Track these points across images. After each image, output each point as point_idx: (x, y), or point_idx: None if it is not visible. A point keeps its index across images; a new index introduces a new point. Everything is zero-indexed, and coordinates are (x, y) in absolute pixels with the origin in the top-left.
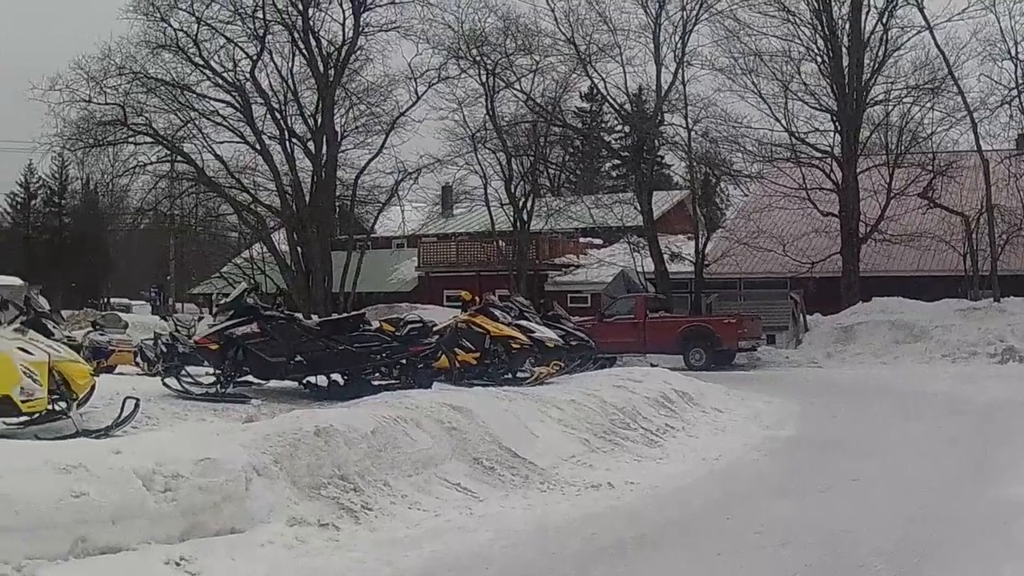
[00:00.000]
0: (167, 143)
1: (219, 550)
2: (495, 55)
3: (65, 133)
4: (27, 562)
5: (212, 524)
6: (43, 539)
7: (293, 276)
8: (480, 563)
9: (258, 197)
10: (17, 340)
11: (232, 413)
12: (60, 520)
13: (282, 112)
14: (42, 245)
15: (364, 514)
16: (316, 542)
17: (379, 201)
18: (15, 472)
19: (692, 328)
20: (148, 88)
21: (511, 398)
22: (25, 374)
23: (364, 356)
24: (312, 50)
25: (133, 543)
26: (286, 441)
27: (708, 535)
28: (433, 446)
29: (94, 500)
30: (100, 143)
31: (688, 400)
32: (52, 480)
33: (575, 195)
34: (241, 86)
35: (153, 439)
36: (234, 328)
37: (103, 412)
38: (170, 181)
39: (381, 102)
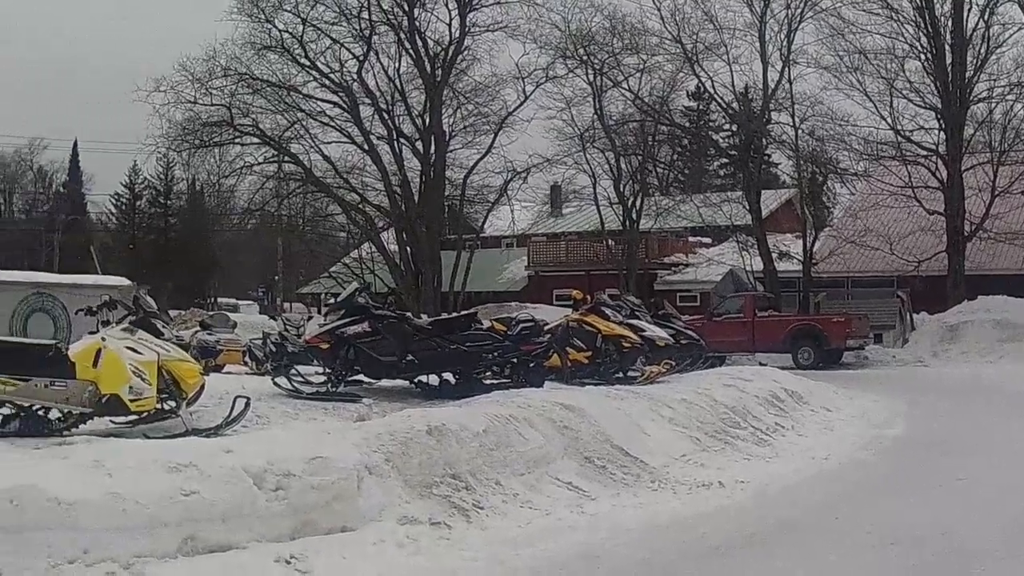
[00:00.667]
0: (274, 144)
1: (330, 549)
2: (602, 54)
3: (170, 134)
4: (135, 560)
5: (323, 523)
6: (152, 537)
7: (402, 275)
8: (591, 562)
9: (367, 197)
10: (126, 340)
11: (343, 412)
12: (169, 518)
13: (390, 112)
14: (148, 246)
15: (475, 513)
16: (427, 541)
17: (488, 201)
18: (125, 470)
19: (800, 327)
20: (254, 89)
21: (622, 397)
22: (134, 373)
23: (476, 355)
24: (418, 50)
25: (243, 542)
26: (398, 440)
27: (817, 534)
28: (545, 445)
29: (204, 498)
30: (206, 144)
31: (797, 399)
32: (162, 479)
33: (684, 194)
34: (348, 87)
35: (264, 438)
36: (345, 327)
37: (213, 411)
38: (277, 181)
39: (489, 102)
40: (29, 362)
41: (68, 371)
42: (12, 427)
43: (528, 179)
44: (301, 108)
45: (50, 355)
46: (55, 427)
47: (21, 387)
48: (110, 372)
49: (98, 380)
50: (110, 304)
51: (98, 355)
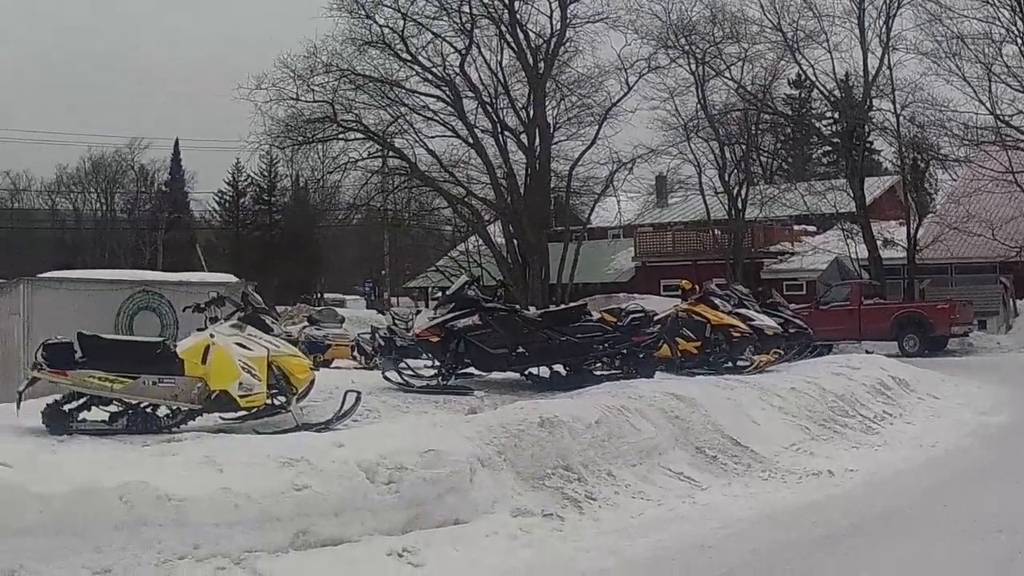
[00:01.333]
0: (378, 139)
1: (442, 541)
2: (703, 43)
3: (273, 131)
4: (246, 555)
5: (436, 515)
6: (264, 532)
7: (509, 268)
8: (703, 552)
9: (472, 190)
10: (235, 336)
11: (454, 405)
12: (282, 513)
13: (493, 105)
14: (252, 242)
15: (588, 504)
16: (540, 532)
17: (594, 192)
18: (237, 466)
19: (905, 315)
20: (356, 85)
21: (732, 386)
22: (243, 369)
23: (586, 346)
24: (520, 43)
25: (355, 535)
26: (510, 432)
27: (924, 522)
28: (656, 435)
29: (317, 493)
30: (309, 140)
31: (904, 387)
32: (274, 473)
33: (788, 182)
34: (451, 80)
35: (376, 432)
36: (456, 320)
37: (323, 406)
38: (382, 176)
39: (592, 93)
40: (137, 359)
41: (176, 368)
42: (120, 424)
43: (633, 170)
44: (404, 103)
45: (158, 352)
46: (163, 424)
47: (129, 385)
48: (219, 368)
49: (207, 376)
50: (218, 301)
51: (207, 351)
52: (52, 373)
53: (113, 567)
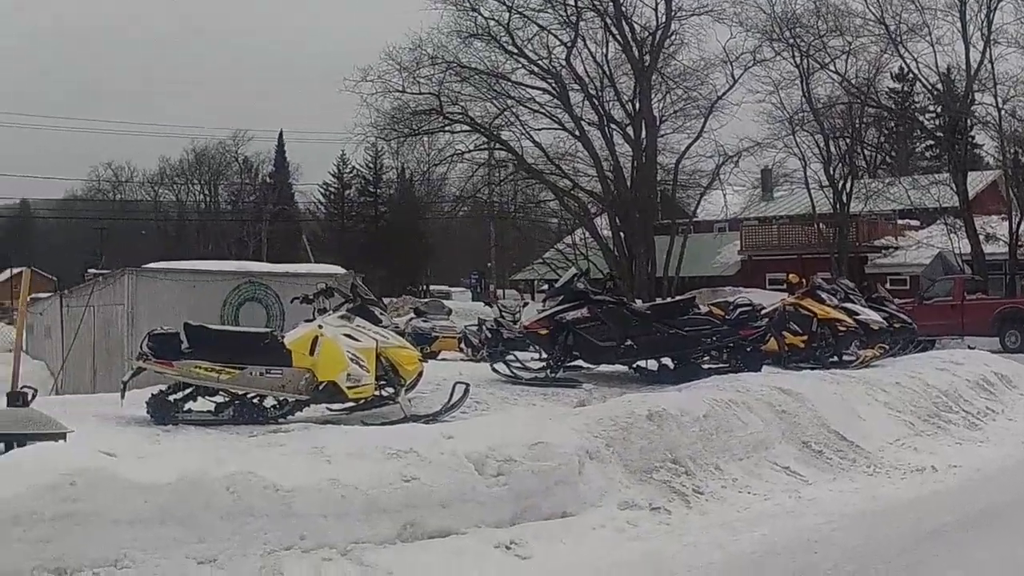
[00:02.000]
0: (485, 131)
1: (550, 534)
2: (808, 36)
3: (379, 123)
4: (353, 546)
5: (543, 508)
6: (371, 523)
7: (616, 261)
8: (809, 547)
9: (579, 183)
10: (343, 327)
11: (563, 397)
12: (389, 505)
13: (599, 98)
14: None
15: (695, 498)
16: (647, 526)
17: (700, 185)
18: (345, 457)
19: (1008, 310)
20: (462, 77)
21: (839, 381)
22: (352, 360)
23: (695, 340)
24: (625, 35)
25: (463, 527)
26: (618, 425)
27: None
28: (764, 429)
29: (425, 485)
30: (415, 132)
31: (1007, 383)
32: (382, 465)
33: (891, 176)
34: (557, 73)
35: (484, 424)
36: (564, 313)
37: (431, 397)
38: (489, 169)
39: (698, 86)
40: (244, 350)
41: (284, 359)
42: (226, 415)
43: (739, 163)
44: (510, 95)
45: (265, 343)
46: (270, 415)
47: (236, 375)
48: (327, 359)
49: (315, 367)
50: (327, 292)
51: (315, 343)
52: (158, 363)
53: (218, 557)
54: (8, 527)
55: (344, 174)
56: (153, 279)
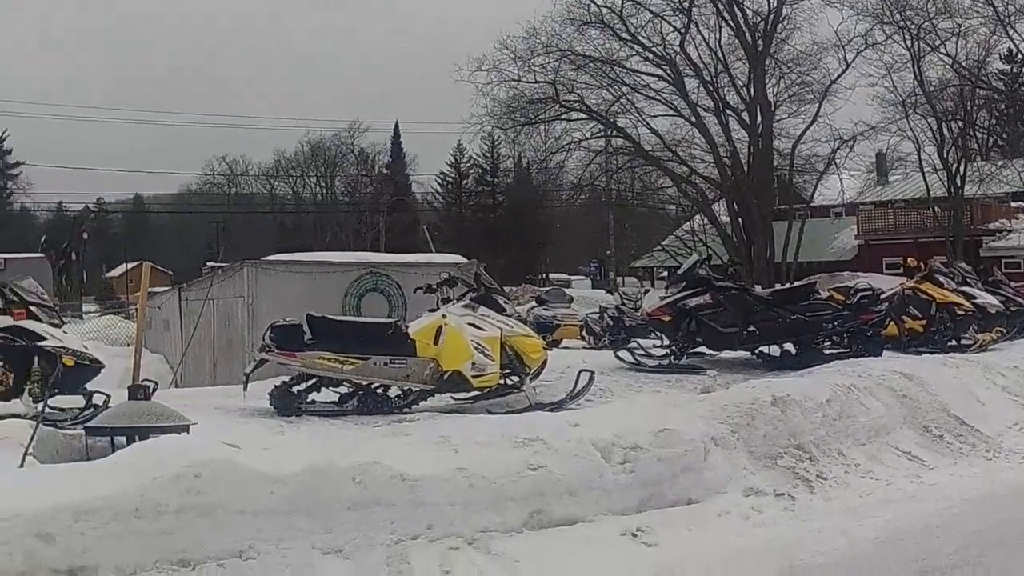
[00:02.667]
0: (602, 118)
1: (676, 520)
2: (917, 19)
3: (495, 112)
4: (480, 535)
5: (669, 495)
6: (498, 512)
7: (735, 247)
8: (931, 532)
9: (696, 169)
10: (467, 316)
11: (686, 384)
12: (516, 493)
13: (714, 84)
14: (476, 223)
15: (819, 483)
16: (772, 512)
17: (816, 170)
18: (472, 446)
19: None
20: (577, 65)
21: (958, 365)
22: (476, 349)
23: (816, 325)
24: (738, 21)
25: (589, 515)
26: (743, 411)
27: None
28: (885, 414)
29: (552, 473)
30: (531, 121)
31: None
32: (509, 453)
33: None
34: (671, 59)
35: (610, 411)
36: (687, 299)
37: (555, 385)
38: (606, 156)
39: (811, 71)
40: (368, 340)
41: (408, 349)
42: (350, 406)
43: (854, 147)
44: (625, 82)
45: (389, 333)
46: (394, 405)
47: (360, 365)
48: (452, 349)
49: (439, 357)
50: (450, 281)
51: (439, 332)
52: (281, 355)
53: (344, 547)
54: (130, 520)
55: (461, 163)
56: (273, 271)
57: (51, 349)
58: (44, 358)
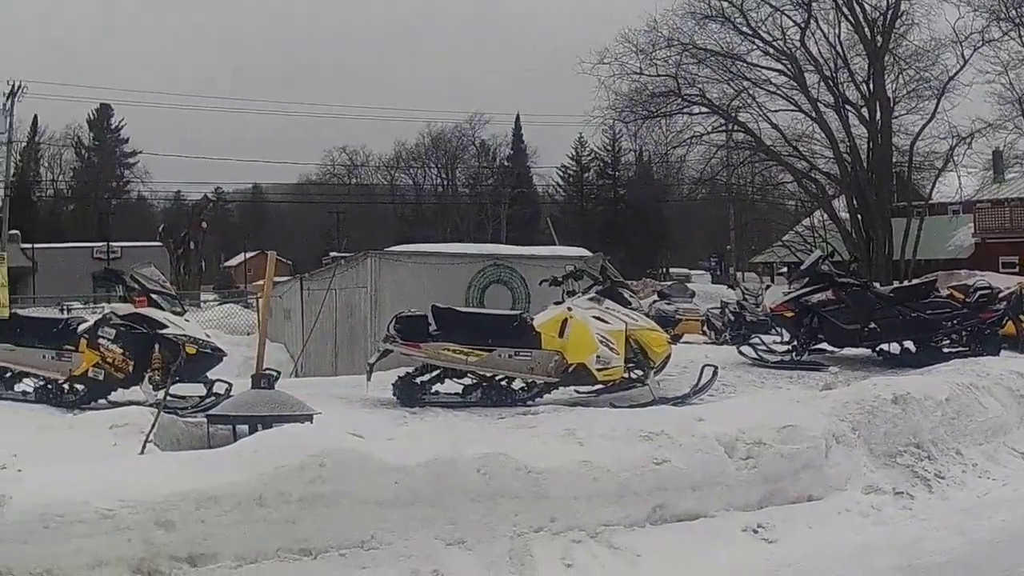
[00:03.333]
0: (723, 113)
1: (796, 517)
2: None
3: (617, 106)
4: (603, 529)
5: (790, 492)
6: (621, 506)
7: (855, 243)
8: None
9: (816, 164)
10: (593, 309)
11: (808, 380)
12: (639, 487)
13: (834, 79)
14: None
15: (936, 483)
16: (890, 510)
17: (935, 167)
18: (596, 439)
19: None
20: (698, 59)
21: None
22: (601, 343)
23: (936, 323)
24: (857, 16)
25: (711, 510)
26: (864, 408)
27: None
28: (1003, 414)
29: (676, 467)
30: (653, 115)
31: None
32: (634, 447)
33: None
34: (791, 54)
35: (732, 406)
36: (809, 295)
37: (677, 380)
38: (727, 151)
39: (930, 67)
40: (493, 332)
41: (533, 341)
42: (474, 397)
43: (972, 144)
44: (746, 77)
45: (515, 325)
46: (518, 397)
47: (485, 357)
48: (577, 342)
49: (564, 350)
50: (576, 274)
51: (564, 325)
52: (405, 345)
53: (467, 539)
54: (253, 508)
55: (582, 156)
56: (397, 262)
57: (172, 337)
58: (165, 346)
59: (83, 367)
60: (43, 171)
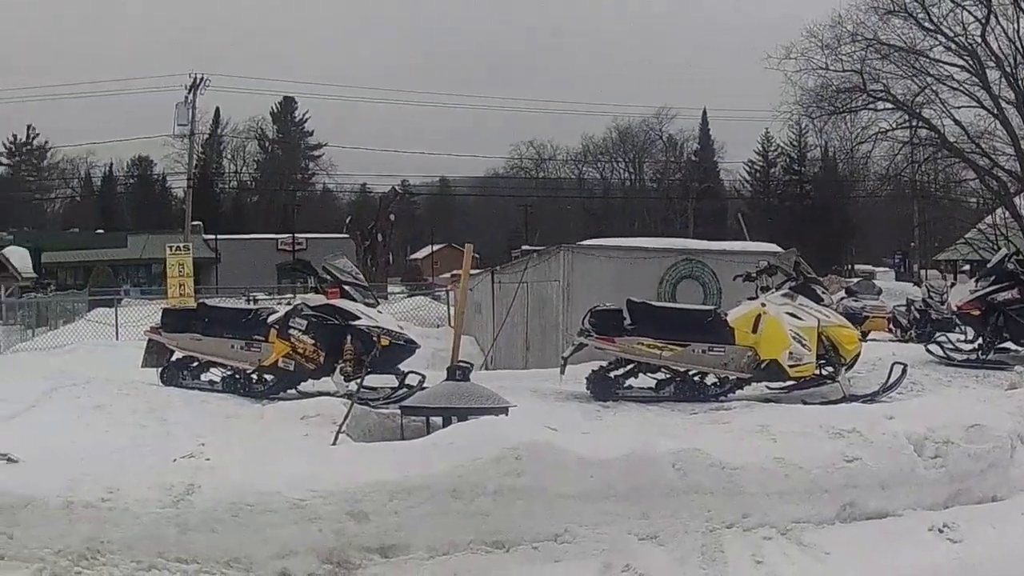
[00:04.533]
0: (907, 109)
1: (980, 517)
2: None
3: (803, 101)
4: (793, 526)
5: (975, 491)
6: (812, 503)
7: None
8: None
9: (998, 162)
10: (786, 305)
11: (993, 379)
12: (830, 484)
13: (1014, 75)
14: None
15: None
16: None
17: None
18: (789, 436)
19: None
20: (882, 54)
21: None
22: (794, 339)
23: None
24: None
25: (898, 509)
26: None
27: None
28: None
29: (866, 465)
30: (838, 110)
31: None
32: (825, 445)
33: None
34: (972, 50)
35: (921, 405)
36: (995, 294)
37: (866, 377)
38: (912, 147)
39: None
40: (687, 327)
41: (727, 336)
42: (667, 392)
43: None
44: (929, 73)
45: (709, 320)
46: (711, 392)
47: (679, 352)
48: (770, 337)
49: (757, 345)
50: (769, 270)
51: (758, 321)
52: (600, 339)
53: (659, 533)
54: (447, 500)
55: (769, 152)
56: (589, 256)
57: (365, 328)
58: (357, 337)
59: (273, 357)
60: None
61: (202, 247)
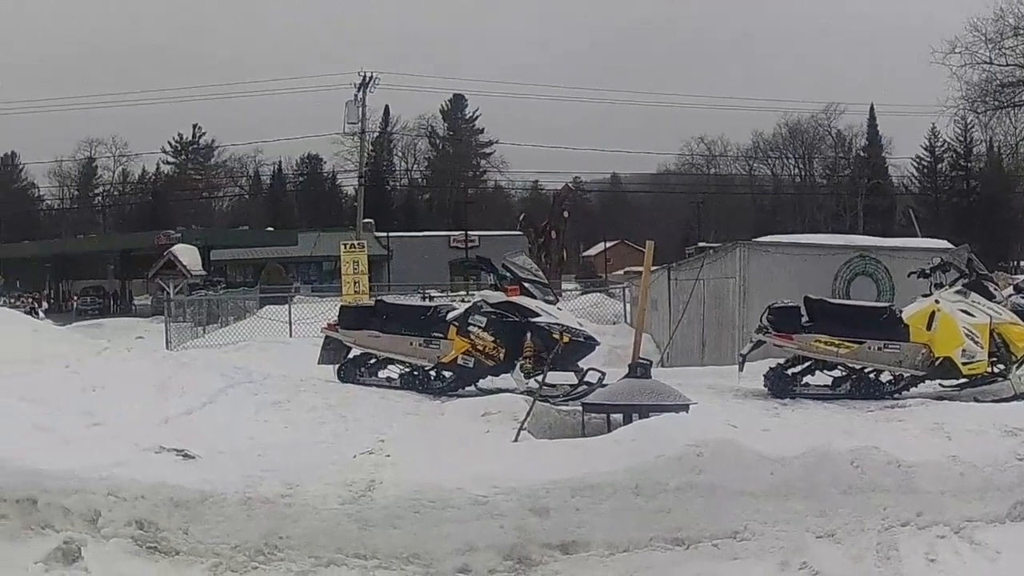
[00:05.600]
0: None
1: None
2: None
3: (968, 96)
4: (965, 524)
5: None
6: (984, 501)
7: None
8: None
9: None
10: (959, 302)
11: None
12: (1002, 483)
13: None
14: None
15: None
16: None
17: None
18: (964, 434)
19: None
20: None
21: None
22: (967, 336)
23: None
24: None
25: None
26: None
27: None
28: None
29: None
30: (1003, 105)
31: None
32: (998, 442)
33: None
34: None
35: None
36: None
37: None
38: None
39: None
40: (863, 324)
41: (901, 334)
42: (843, 389)
43: None
44: None
45: (884, 317)
46: (886, 390)
47: (855, 349)
48: (944, 335)
49: (931, 343)
50: (943, 266)
51: (932, 318)
52: (778, 336)
53: (836, 531)
54: (628, 496)
55: (935, 147)
56: (764, 253)
57: (544, 325)
58: (537, 334)
59: (452, 354)
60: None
61: (374, 244)
